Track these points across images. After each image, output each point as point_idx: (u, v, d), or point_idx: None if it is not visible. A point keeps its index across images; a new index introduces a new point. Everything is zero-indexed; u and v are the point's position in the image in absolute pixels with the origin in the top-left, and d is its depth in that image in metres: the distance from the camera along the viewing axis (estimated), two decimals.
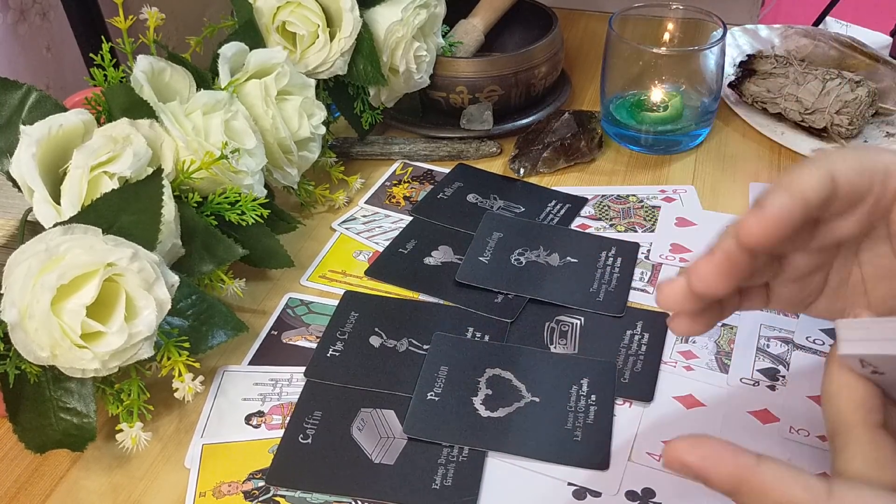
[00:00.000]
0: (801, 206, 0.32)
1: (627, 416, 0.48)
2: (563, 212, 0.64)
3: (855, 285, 0.38)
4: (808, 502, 0.29)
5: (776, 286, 0.39)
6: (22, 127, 0.47)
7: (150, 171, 0.47)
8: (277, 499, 0.45)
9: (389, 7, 0.65)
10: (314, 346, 0.53)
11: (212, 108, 0.54)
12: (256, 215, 0.53)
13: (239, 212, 0.53)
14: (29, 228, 0.48)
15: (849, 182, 0.34)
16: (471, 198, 0.66)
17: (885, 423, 0.33)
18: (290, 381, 0.51)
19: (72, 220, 0.44)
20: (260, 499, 0.45)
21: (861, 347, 0.31)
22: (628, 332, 0.53)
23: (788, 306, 0.39)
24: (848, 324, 0.32)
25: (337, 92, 0.68)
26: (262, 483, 0.45)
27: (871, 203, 0.35)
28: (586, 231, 0.62)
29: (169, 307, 0.45)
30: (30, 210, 0.47)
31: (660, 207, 0.64)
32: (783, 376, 0.50)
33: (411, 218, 0.64)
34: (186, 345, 0.47)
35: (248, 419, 0.49)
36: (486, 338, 0.53)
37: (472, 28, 0.75)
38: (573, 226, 0.63)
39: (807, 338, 0.52)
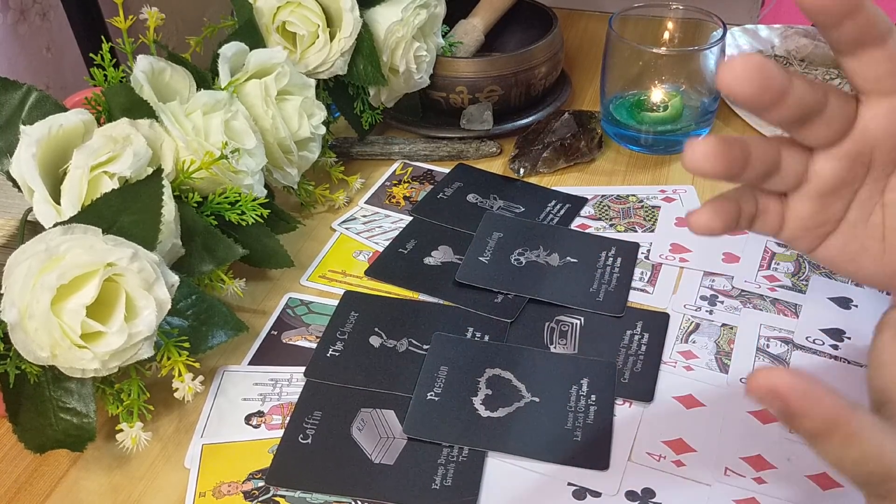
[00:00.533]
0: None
1: (627, 416, 0.48)
2: (563, 212, 0.64)
3: (874, 227, 0.36)
4: None
5: (795, 200, 0.37)
6: (22, 127, 0.47)
7: (150, 171, 0.47)
8: (277, 499, 0.45)
9: (389, 7, 0.65)
10: (314, 346, 0.53)
11: (212, 108, 0.54)
12: (256, 215, 0.53)
13: (239, 212, 0.53)
14: (29, 228, 0.48)
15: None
16: (471, 198, 0.66)
17: None
18: (290, 381, 0.51)
19: (72, 220, 0.44)
20: (260, 499, 0.45)
21: None
22: (628, 332, 0.53)
23: (803, 233, 0.37)
24: None
25: (337, 92, 0.68)
26: (262, 483, 0.45)
27: None
28: (586, 231, 0.62)
29: (169, 307, 0.45)
30: (30, 210, 0.47)
31: (660, 207, 0.64)
32: None
33: (411, 218, 0.64)
34: (186, 345, 0.47)
35: (248, 419, 0.49)
36: (486, 338, 0.53)
37: (472, 28, 0.75)
38: (573, 226, 0.63)
39: (807, 338, 0.52)
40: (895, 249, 0.36)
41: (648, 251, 0.60)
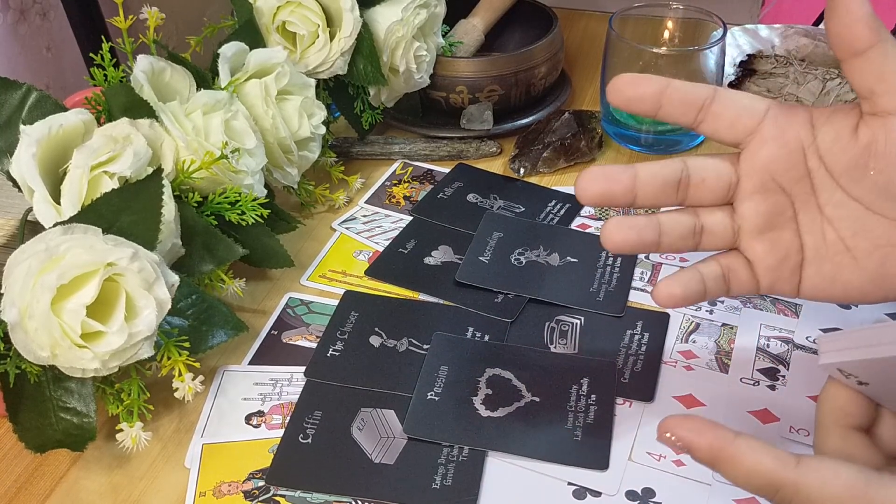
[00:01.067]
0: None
1: (627, 416, 0.48)
2: (563, 211, 0.64)
3: (833, 243, 0.38)
4: (777, 469, 0.31)
5: (746, 247, 0.40)
6: (22, 127, 0.47)
7: (150, 170, 0.47)
8: (277, 498, 0.45)
9: (389, 7, 0.65)
10: (314, 345, 0.53)
11: (212, 107, 0.54)
12: (256, 215, 0.53)
13: (239, 212, 0.53)
14: (29, 228, 0.48)
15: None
16: (471, 198, 0.66)
17: (865, 428, 0.35)
18: (290, 381, 0.51)
19: (72, 219, 0.44)
20: (260, 499, 0.45)
21: (837, 357, 0.33)
22: (628, 332, 0.53)
23: (774, 275, 0.39)
24: (828, 336, 0.34)
25: (337, 92, 0.68)
26: (262, 483, 0.45)
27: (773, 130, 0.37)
28: (586, 231, 0.62)
29: (169, 307, 0.45)
30: (30, 210, 0.47)
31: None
32: (783, 376, 0.50)
33: (411, 218, 0.64)
34: (186, 344, 0.47)
35: (248, 419, 0.49)
36: (486, 338, 0.53)
37: (472, 28, 0.75)
38: (573, 226, 0.63)
39: (807, 338, 0.52)
40: (865, 254, 0.37)
41: None
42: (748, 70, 0.74)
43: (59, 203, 0.46)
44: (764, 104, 0.38)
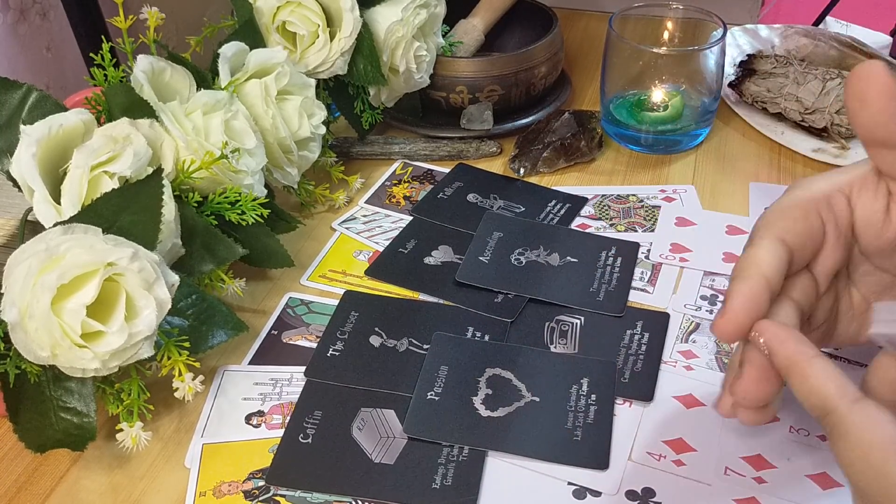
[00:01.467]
0: (764, 286, 0.36)
1: (627, 416, 0.48)
2: (563, 212, 0.64)
3: (858, 305, 0.40)
4: (835, 397, 0.32)
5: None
6: (22, 127, 0.47)
7: (150, 170, 0.47)
8: (277, 498, 0.45)
9: (389, 7, 0.65)
10: (314, 345, 0.53)
11: (212, 107, 0.54)
12: (256, 215, 0.53)
13: (239, 211, 0.53)
14: (29, 228, 0.48)
15: (800, 235, 0.37)
16: (471, 197, 0.66)
17: None
18: (290, 381, 0.51)
19: (72, 219, 0.44)
20: (260, 498, 0.45)
21: (891, 327, 0.34)
22: (628, 332, 0.53)
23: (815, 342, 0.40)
24: (882, 307, 0.35)
25: (337, 92, 0.68)
26: (262, 483, 0.45)
27: (831, 233, 0.38)
28: (586, 231, 0.62)
29: (169, 307, 0.45)
30: (30, 210, 0.47)
31: (660, 207, 0.64)
32: None
33: (411, 218, 0.64)
34: (186, 344, 0.47)
35: (248, 419, 0.49)
36: (486, 337, 0.53)
37: (472, 28, 0.75)
38: (573, 225, 0.63)
39: None
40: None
41: (648, 251, 0.60)
42: (748, 70, 0.74)
43: (59, 203, 0.46)
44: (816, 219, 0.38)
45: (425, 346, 0.53)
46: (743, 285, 0.36)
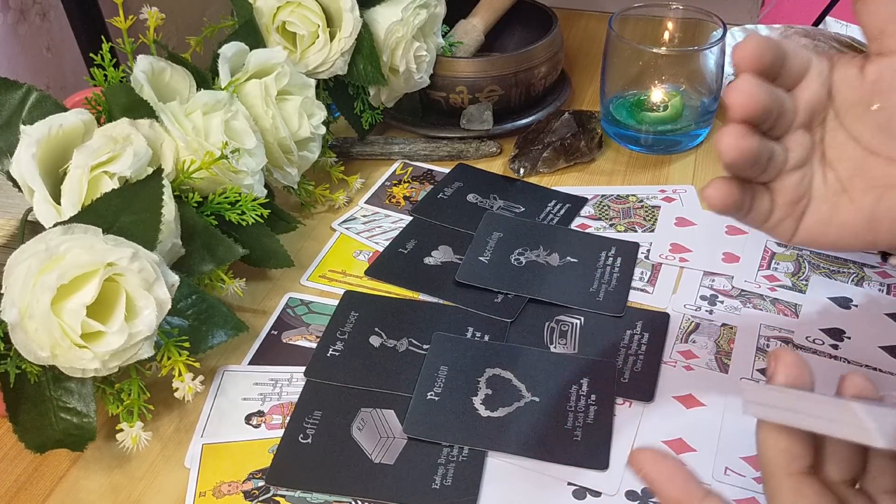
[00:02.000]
0: (767, 45, 0.36)
1: (627, 416, 0.48)
2: (563, 212, 0.64)
3: (833, 185, 0.39)
4: None
5: (784, 178, 0.39)
6: (22, 127, 0.47)
7: (150, 171, 0.48)
8: (277, 499, 0.45)
9: (389, 7, 0.65)
10: (314, 345, 0.53)
11: (212, 108, 0.54)
12: (256, 215, 0.53)
13: (239, 212, 0.53)
14: (29, 228, 0.48)
15: (792, 49, 0.37)
16: (471, 198, 0.66)
17: (812, 468, 0.33)
18: (290, 381, 0.51)
19: (72, 219, 0.44)
20: (260, 499, 0.45)
21: (762, 413, 0.32)
22: (628, 332, 0.53)
23: (783, 220, 0.40)
24: (753, 387, 0.33)
25: (337, 92, 0.68)
26: (262, 483, 0.45)
27: (814, 67, 0.38)
28: (586, 231, 0.62)
29: (169, 307, 0.45)
30: (30, 210, 0.47)
31: (660, 207, 0.64)
32: None
33: (411, 218, 0.64)
34: (186, 345, 0.47)
35: (248, 419, 0.49)
36: (486, 338, 0.53)
37: (472, 28, 0.75)
38: (573, 226, 0.63)
39: (807, 338, 0.52)
40: (861, 194, 0.38)
41: (648, 251, 0.60)
42: None
43: (59, 203, 0.46)
44: (808, 52, 0.39)
45: (425, 346, 0.53)
46: (754, 38, 0.36)
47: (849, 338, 0.52)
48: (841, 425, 0.29)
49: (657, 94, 0.70)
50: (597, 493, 0.44)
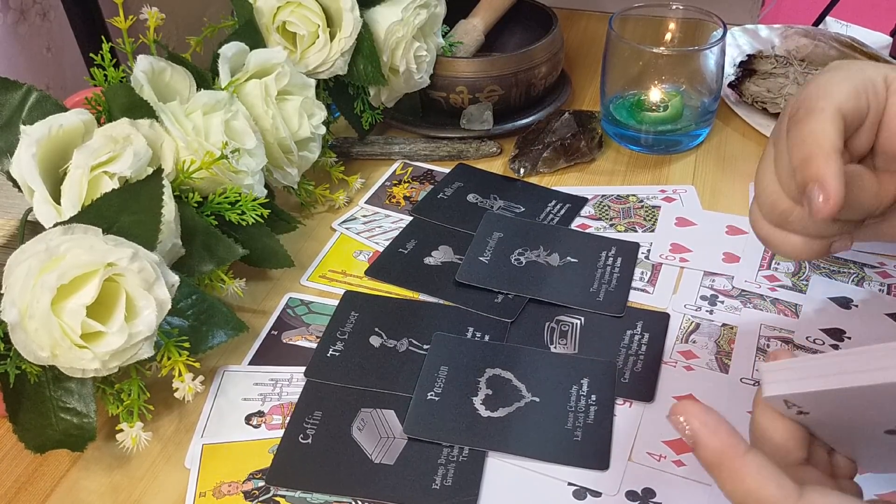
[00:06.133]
0: (838, 156, 0.36)
1: (627, 416, 0.48)
2: (563, 212, 0.64)
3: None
4: (779, 499, 0.30)
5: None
6: (22, 127, 0.47)
7: (150, 171, 0.47)
8: (277, 499, 0.45)
9: (389, 7, 0.65)
10: (314, 346, 0.53)
11: (212, 108, 0.54)
12: (256, 215, 0.53)
13: (239, 212, 0.53)
14: (29, 228, 0.48)
15: (852, 111, 0.37)
16: (471, 198, 0.66)
17: (808, 459, 0.34)
18: (290, 381, 0.51)
19: (72, 220, 0.44)
20: (260, 499, 0.45)
21: (784, 388, 0.32)
22: (628, 332, 0.53)
23: (868, 217, 0.41)
24: (771, 366, 0.33)
25: (337, 92, 0.68)
26: (262, 483, 0.45)
27: (871, 117, 0.38)
28: (586, 231, 0.62)
29: (169, 307, 0.45)
30: (30, 210, 0.47)
31: (660, 207, 0.64)
32: None
33: (411, 218, 0.64)
34: (186, 345, 0.47)
35: (248, 419, 0.49)
36: (486, 338, 0.53)
37: (472, 28, 0.75)
38: (573, 226, 0.63)
39: (807, 338, 0.52)
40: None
41: (648, 251, 0.60)
42: (748, 70, 0.74)
43: (59, 203, 0.46)
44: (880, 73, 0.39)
45: (425, 347, 0.53)
46: (832, 164, 0.35)
47: (849, 338, 0.52)
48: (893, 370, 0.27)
49: (657, 94, 0.70)
50: (597, 493, 0.44)
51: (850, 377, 0.29)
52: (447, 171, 0.69)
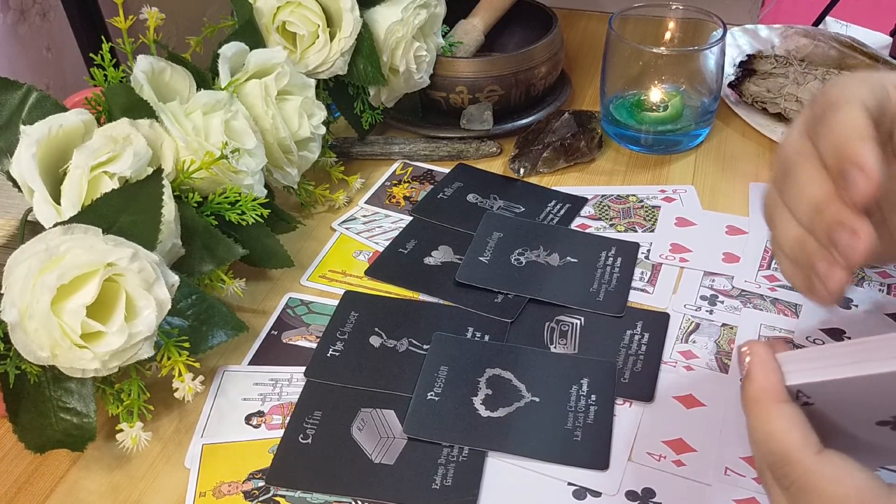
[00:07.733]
0: (873, 140, 0.34)
1: (627, 416, 0.48)
2: (563, 212, 0.64)
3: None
4: (799, 447, 0.31)
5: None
6: (22, 127, 0.47)
7: (150, 171, 0.48)
8: (277, 499, 0.45)
9: (389, 7, 0.65)
10: (314, 346, 0.53)
11: (212, 108, 0.54)
12: (256, 215, 0.53)
13: (239, 212, 0.53)
14: (29, 228, 0.48)
15: (875, 108, 0.36)
16: (471, 198, 0.66)
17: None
18: (290, 381, 0.51)
19: (72, 220, 0.44)
20: (260, 499, 0.45)
21: (811, 376, 0.32)
22: (628, 332, 0.53)
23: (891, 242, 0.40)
24: (788, 356, 0.33)
25: (337, 92, 0.68)
26: (262, 483, 0.45)
27: (885, 124, 0.37)
28: (586, 231, 0.62)
29: (169, 307, 0.45)
30: (30, 210, 0.47)
31: (660, 207, 0.64)
32: None
33: (411, 218, 0.64)
34: (186, 345, 0.47)
35: (248, 419, 0.49)
36: (486, 338, 0.53)
37: (472, 28, 0.75)
38: (573, 226, 0.63)
39: (807, 338, 0.52)
40: None
41: (648, 251, 0.60)
42: (748, 70, 0.74)
43: (59, 203, 0.46)
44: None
45: (425, 347, 0.53)
46: (868, 144, 0.34)
47: (849, 338, 0.52)
48: None
49: (657, 94, 0.70)
50: (597, 493, 0.44)
51: (876, 364, 0.29)
52: (447, 171, 0.69)
